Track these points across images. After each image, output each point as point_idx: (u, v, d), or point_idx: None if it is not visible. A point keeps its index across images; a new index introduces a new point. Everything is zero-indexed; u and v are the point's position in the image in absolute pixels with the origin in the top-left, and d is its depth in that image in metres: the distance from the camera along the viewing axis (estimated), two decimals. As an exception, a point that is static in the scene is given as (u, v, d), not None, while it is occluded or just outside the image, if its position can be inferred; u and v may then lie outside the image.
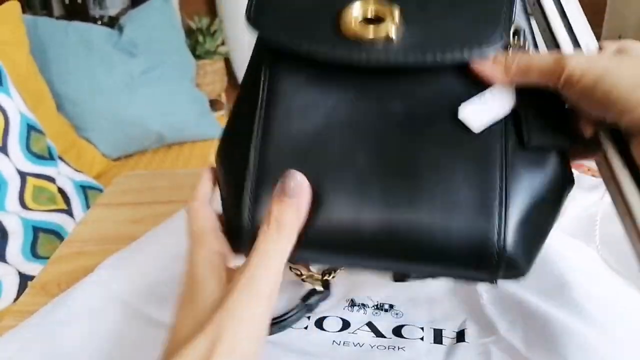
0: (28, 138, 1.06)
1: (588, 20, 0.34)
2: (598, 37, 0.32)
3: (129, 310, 0.44)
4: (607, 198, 0.52)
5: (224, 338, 0.25)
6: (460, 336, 0.39)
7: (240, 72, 3.26)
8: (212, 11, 3.06)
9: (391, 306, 0.43)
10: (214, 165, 0.35)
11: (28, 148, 1.06)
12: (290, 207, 0.29)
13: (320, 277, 0.43)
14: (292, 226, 0.29)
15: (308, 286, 0.43)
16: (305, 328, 0.41)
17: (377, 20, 0.31)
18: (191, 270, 0.30)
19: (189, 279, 0.30)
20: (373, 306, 0.43)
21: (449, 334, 0.40)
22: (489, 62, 0.30)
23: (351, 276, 0.45)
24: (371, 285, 0.45)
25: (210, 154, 1.78)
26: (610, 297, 0.40)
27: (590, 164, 1.08)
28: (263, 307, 0.27)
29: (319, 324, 0.42)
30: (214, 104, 2.79)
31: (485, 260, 0.28)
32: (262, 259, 0.28)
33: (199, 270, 0.29)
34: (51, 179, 1.10)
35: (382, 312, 0.42)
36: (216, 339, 0.25)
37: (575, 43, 0.33)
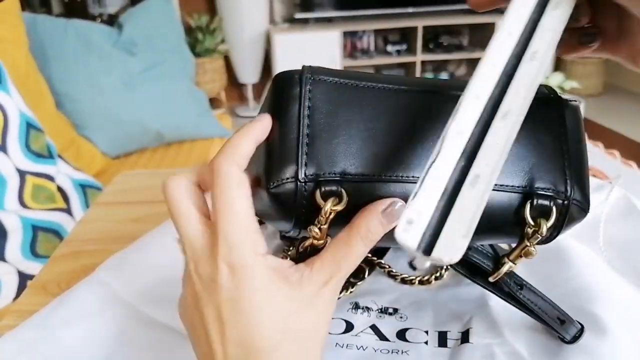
0: (27, 136, 1.06)
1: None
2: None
3: (130, 311, 0.43)
4: (611, 199, 0.52)
5: None
6: (465, 337, 0.39)
7: (240, 70, 3.25)
8: (212, 9, 3.05)
9: (395, 310, 0.43)
10: None
11: (27, 146, 1.05)
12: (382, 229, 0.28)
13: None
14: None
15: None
16: (308, 330, 0.41)
17: None
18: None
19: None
20: (377, 309, 0.43)
21: (453, 336, 0.39)
22: None
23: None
24: (375, 289, 0.45)
25: (209, 152, 1.76)
26: (616, 301, 0.39)
27: (593, 165, 1.08)
28: None
29: (322, 325, 0.41)
30: (214, 102, 2.79)
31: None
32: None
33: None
34: (50, 178, 1.09)
35: (387, 316, 0.42)
36: None
37: None
